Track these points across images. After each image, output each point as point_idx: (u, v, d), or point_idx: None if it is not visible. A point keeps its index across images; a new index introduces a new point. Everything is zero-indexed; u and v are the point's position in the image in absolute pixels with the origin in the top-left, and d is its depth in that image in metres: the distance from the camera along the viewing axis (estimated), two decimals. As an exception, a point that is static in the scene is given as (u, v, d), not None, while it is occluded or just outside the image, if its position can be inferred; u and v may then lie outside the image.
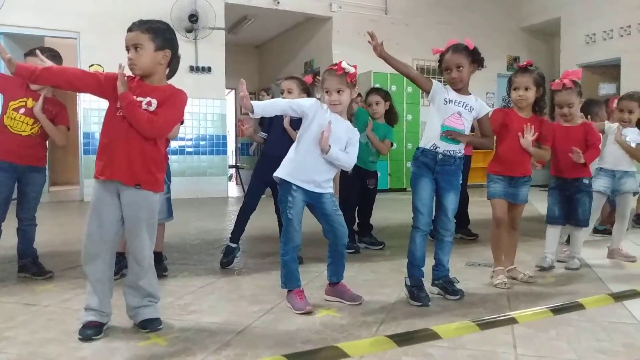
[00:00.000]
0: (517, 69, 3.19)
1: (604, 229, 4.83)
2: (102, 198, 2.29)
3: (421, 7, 10.31)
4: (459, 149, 2.83)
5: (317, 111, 2.65)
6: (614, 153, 3.82)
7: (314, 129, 2.62)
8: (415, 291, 2.74)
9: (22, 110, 3.21)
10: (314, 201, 2.69)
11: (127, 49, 2.31)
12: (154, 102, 2.29)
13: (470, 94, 2.86)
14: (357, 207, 4.31)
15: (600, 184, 3.79)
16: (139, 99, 2.27)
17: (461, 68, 2.78)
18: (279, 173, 2.68)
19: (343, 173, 4.29)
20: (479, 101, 2.88)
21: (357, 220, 4.33)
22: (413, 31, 10.06)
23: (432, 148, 2.80)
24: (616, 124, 3.88)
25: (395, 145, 9.37)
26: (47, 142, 3.35)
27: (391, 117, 4.29)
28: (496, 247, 3.19)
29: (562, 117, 3.44)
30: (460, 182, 2.90)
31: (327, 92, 2.64)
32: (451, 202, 2.83)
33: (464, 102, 2.82)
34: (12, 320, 2.48)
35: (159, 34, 2.31)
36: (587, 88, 9.78)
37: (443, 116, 2.80)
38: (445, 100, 2.80)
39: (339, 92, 2.63)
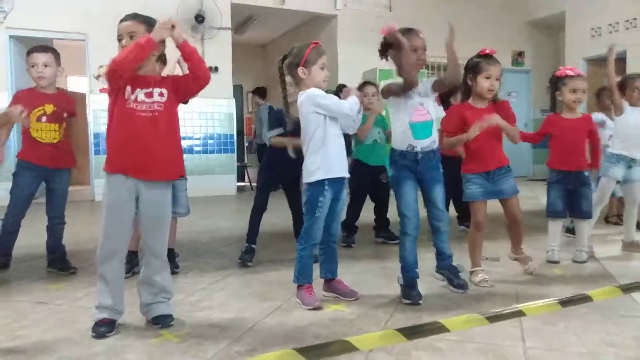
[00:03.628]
0: (486, 55, 2.98)
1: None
2: (121, 197, 2.29)
3: (425, 3, 10.28)
4: (433, 141, 2.78)
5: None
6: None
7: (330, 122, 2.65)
8: (407, 290, 2.72)
9: (43, 119, 3.26)
10: (336, 195, 2.70)
11: (120, 39, 2.35)
12: (165, 92, 2.33)
13: (420, 81, 2.78)
14: (374, 205, 4.35)
15: (617, 171, 3.78)
16: (149, 89, 2.29)
17: (424, 50, 2.84)
18: (312, 178, 2.64)
19: (356, 173, 4.34)
20: (424, 81, 2.81)
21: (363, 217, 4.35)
22: (418, 27, 10.01)
23: (409, 149, 2.75)
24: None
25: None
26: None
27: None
28: (473, 249, 3.10)
29: (573, 104, 3.38)
30: (441, 171, 2.84)
31: None
32: (438, 194, 2.81)
33: (419, 92, 2.75)
34: (25, 319, 2.51)
35: (154, 25, 2.33)
36: (592, 82, 9.68)
37: (408, 115, 2.74)
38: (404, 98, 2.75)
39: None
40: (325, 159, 2.64)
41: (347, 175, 2.73)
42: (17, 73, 7.47)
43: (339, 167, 2.68)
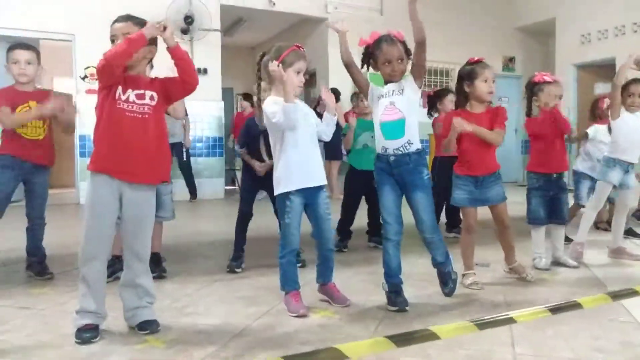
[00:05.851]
0: (477, 62, 3.02)
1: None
2: (104, 198, 2.26)
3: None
4: (406, 143, 2.66)
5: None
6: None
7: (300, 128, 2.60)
8: (393, 296, 2.66)
9: None
10: (310, 200, 2.67)
11: (113, 40, 2.31)
12: (155, 95, 2.32)
13: (401, 79, 2.74)
14: (367, 208, 4.31)
15: (614, 175, 3.75)
16: (141, 91, 2.28)
17: (400, 60, 2.71)
18: (277, 191, 2.66)
19: (349, 178, 4.31)
20: (408, 77, 2.75)
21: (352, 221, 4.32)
22: (409, 32, 10.00)
23: (382, 152, 2.71)
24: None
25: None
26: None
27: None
28: (466, 252, 3.12)
29: (545, 106, 3.45)
30: (427, 177, 2.75)
31: None
32: (419, 201, 2.68)
33: (392, 90, 2.71)
34: (8, 324, 2.46)
35: None
36: (582, 88, 9.78)
37: (379, 114, 2.72)
38: (377, 97, 2.75)
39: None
40: (284, 171, 2.62)
41: (315, 184, 2.64)
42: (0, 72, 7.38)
43: (302, 178, 2.61)
